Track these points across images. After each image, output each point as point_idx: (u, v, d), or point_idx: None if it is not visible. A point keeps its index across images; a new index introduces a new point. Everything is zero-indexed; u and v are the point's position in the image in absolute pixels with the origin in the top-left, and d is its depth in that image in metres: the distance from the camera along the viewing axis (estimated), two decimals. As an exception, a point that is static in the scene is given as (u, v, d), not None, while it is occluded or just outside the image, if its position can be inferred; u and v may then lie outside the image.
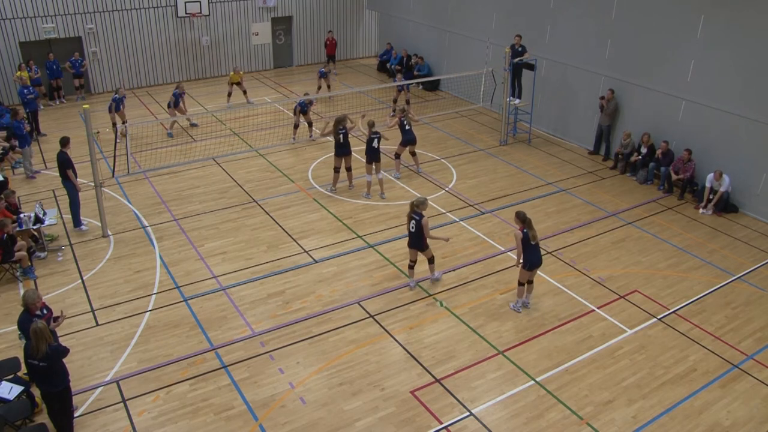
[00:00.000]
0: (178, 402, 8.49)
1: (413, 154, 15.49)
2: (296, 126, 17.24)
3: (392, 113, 19.37)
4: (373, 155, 13.96)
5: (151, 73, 22.83)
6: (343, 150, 14.11)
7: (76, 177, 12.41)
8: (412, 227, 10.53)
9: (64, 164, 12.26)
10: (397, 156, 15.37)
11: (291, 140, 17.27)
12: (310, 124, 17.48)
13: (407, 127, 15.04)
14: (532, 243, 9.84)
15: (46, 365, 7.24)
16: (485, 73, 18.03)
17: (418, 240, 10.59)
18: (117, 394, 8.60)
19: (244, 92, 20.55)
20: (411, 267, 10.94)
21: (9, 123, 15.86)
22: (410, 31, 23.86)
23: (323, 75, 21.35)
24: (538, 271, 11.14)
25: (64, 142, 12.39)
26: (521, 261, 9.99)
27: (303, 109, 17.08)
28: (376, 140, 13.88)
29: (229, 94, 20.42)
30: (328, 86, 21.54)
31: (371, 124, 14.06)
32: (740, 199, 13.94)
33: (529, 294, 10.47)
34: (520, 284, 10.29)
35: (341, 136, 13.99)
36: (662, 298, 10.86)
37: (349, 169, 14.42)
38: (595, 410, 8.45)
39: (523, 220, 9.90)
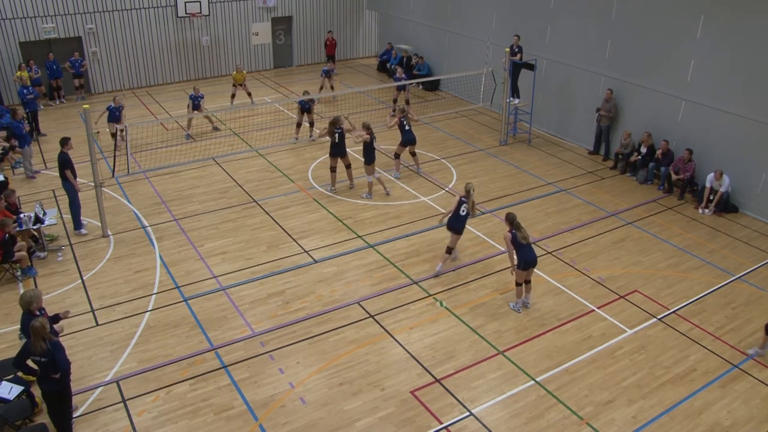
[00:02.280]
0: (178, 402, 8.49)
1: (413, 154, 15.50)
2: (299, 125, 17.25)
3: (392, 113, 19.38)
4: (373, 156, 13.99)
5: (151, 73, 22.82)
6: (337, 150, 14.12)
7: (75, 178, 12.36)
8: (463, 210, 10.93)
9: (64, 165, 12.21)
10: (397, 156, 15.39)
11: (293, 139, 17.25)
12: (311, 124, 17.46)
13: (407, 128, 15.05)
14: (523, 242, 9.94)
15: (47, 360, 7.30)
16: (485, 73, 18.02)
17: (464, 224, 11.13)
18: (117, 394, 8.60)
19: (249, 94, 20.39)
20: (450, 251, 11.32)
21: (9, 123, 15.85)
22: (410, 31, 23.86)
23: (326, 74, 21.33)
24: (538, 271, 11.17)
25: (64, 142, 12.32)
26: (515, 261, 10.08)
27: (305, 107, 17.06)
28: (373, 141, 13.94)
29: (233, 96, 20.27)
30: (332, 86, 21.52)
31: (368, 126, 14.02)
32: (740, 199, 13.94)
33: (528, 294, 10.48)
34: (518, 284, 10.33)
35: (337, 135, 14.00)
36: (662, 298, 10.86)
37: (348, 167, 14.44)
38: (595, 410, 8.45)
39: (511, 222, 10.05)
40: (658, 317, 10.35)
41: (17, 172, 15.50)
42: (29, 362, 7.51)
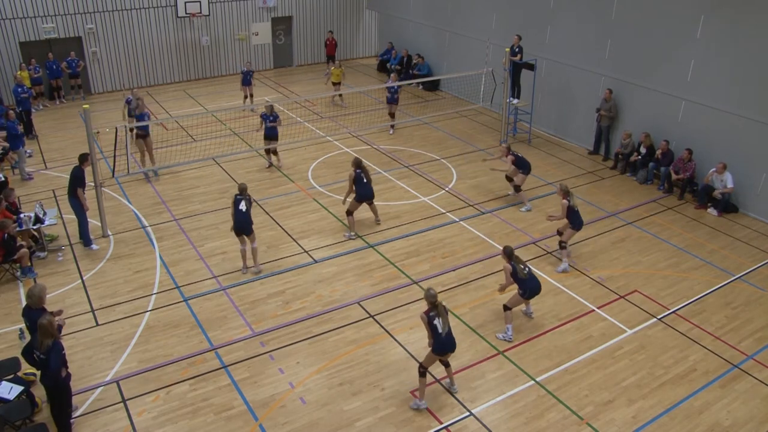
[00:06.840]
0: (178, 402, 8.49)
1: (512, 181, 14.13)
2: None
3: (391, 131, 19.03)
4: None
5: (151, 73, 22.82)
6: (369, 192, 12.58)
7: (84, 195, 11.91)
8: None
9: (76, 181, 11.76)
10: (509, 179, 14.09)
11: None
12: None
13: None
14: (523, 274, 9.48)
15: (45, 358, 7.39)
16: (485, 73, 18.02)
17: None
18: (117, 394, 8.60)
19: (340, 95, 20.73)
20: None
21: (2, 124, 15.67)
22: (410, 31, 23.86)
23: (247, 81, 19.81)
24: (537, 271, 11.16)
25: (83, 158, 11.90)
26: (511, 287, 9.72)
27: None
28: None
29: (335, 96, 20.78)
30: (251, 95, 20.12)
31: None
32: (740, 199, 13.93)
33: (528, 305, 10.20)
34: (507, 308, 9.75)
35: (364, 176, 12.44)
36: (662, 298, 10.86)
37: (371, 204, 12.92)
38: (595, 410, 8.45)
39: (509, 255, 9.48)
40: (658, 317, 10.35)
41: (17, 172, 15.48)
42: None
